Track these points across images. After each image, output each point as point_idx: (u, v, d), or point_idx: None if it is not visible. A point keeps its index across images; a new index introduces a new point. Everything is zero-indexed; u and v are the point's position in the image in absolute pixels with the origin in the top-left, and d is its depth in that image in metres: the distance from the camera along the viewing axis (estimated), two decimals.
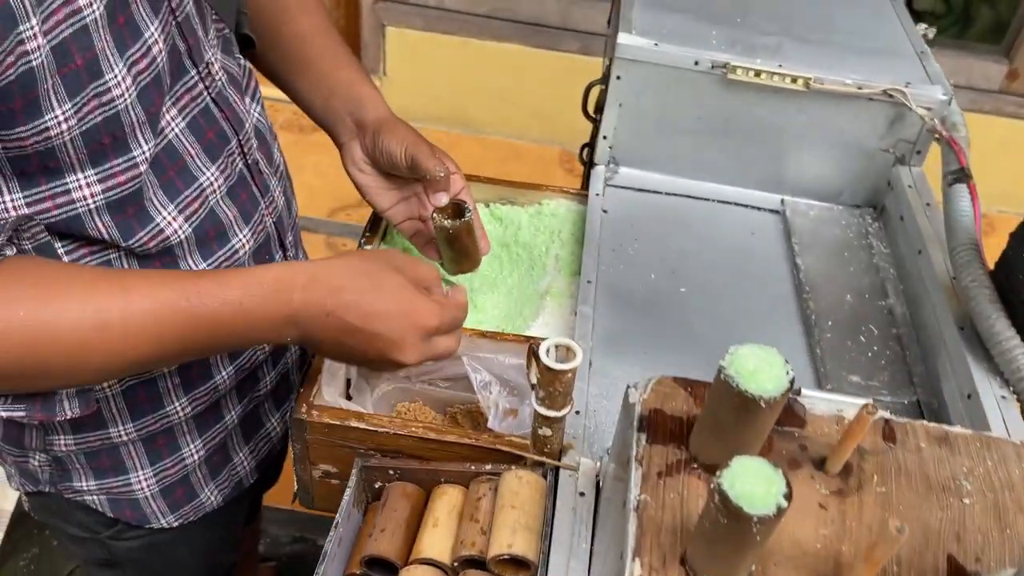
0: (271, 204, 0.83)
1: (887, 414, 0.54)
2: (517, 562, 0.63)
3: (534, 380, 0.64)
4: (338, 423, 0.73)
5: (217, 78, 0.74)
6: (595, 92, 1.03)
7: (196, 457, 0.85)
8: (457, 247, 0.83)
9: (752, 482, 0.40)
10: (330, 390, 0.77)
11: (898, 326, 0.83)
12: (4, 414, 0.71)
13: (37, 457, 0.82)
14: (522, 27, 2.31)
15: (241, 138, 0.77)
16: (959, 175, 0.82)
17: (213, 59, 0.74)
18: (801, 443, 0.52)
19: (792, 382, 0.45)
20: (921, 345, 0.80)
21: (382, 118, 0.86)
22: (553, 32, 2.30)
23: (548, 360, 0.61)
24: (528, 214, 1.01)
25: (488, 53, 2.36)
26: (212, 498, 0.90)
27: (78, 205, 0.64)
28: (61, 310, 0.59)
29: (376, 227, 0.96)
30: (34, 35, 0.54)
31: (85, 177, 0.63)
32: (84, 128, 0.60)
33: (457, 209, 0.81)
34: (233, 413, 0.88)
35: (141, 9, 0.62)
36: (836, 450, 0.49)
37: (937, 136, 0.88)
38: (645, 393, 0.54)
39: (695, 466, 0.50)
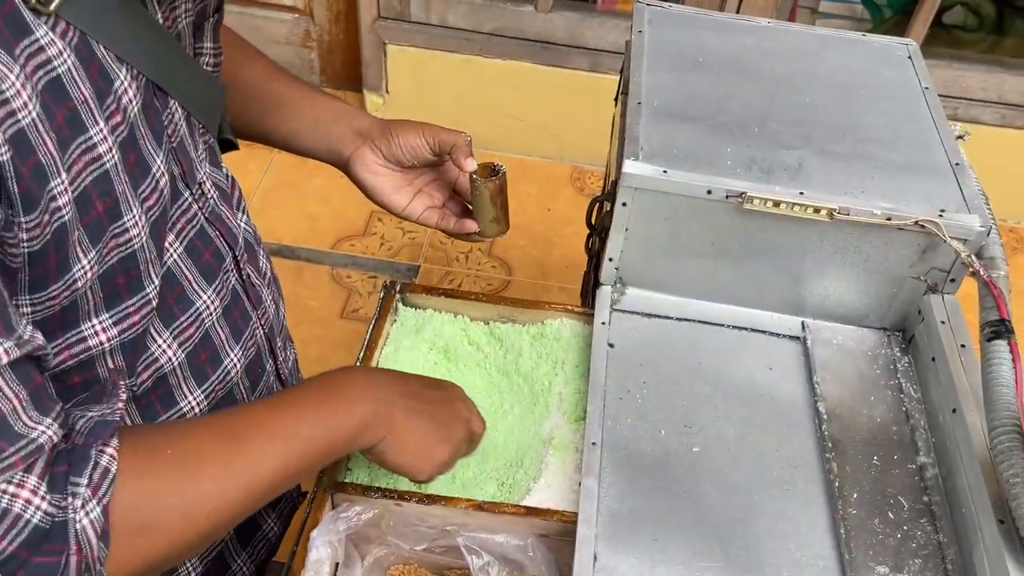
0: (263, 315, 0.82)
1: None
2: None
3: None
4: None
5: (209, 196, 0.73)
6: (598, 204, 0.96)
7: (194, 574, 0.82)
8: (499, 203, 0.87)
9: None
10: None
11: (930, 493, 0.77)
12: None
13: None
14: (529, 45, 2.21)
15: (236, 253, 0.75)
16: (999, 329, 0.75)
17: (204, 177, 0.72)
18: None
19: None
20: (955, 525, 0.73)
21: (381, 122, 0.90)
22: (561, 49, 2.20)
23: None
24: (530, 336, 0.95)
25: (493, 71, 2.27)
26: None
27: (93, 350, 0.61)
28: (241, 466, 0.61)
29: (386, 310, 0.95)
30: (64, 190, 0.52)
31: (100, 322, 0.61)
32: (102, 271, 0.59)
33: (488, 169, 0.86)
34: None
35: (148, 144, 0.61)
36: None
37: (972, 272, 0.81)
38: None
39: None
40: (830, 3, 2.23)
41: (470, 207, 0.90)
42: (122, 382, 0.61)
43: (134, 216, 0.60)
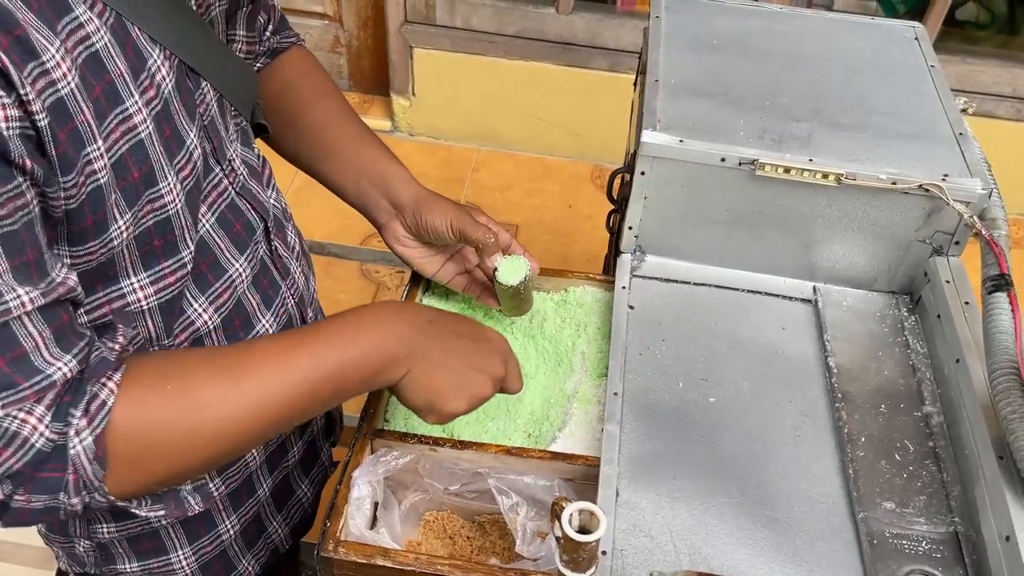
0: (292, 286, 0.87)
1: None
2: None
3: (558, 534, 0.64)
4: (364, 561, 0.73)
5: (239, 172, 0.78)
6: (618, 176, 1.01)
7: (232, 532, 0.89)
8: (520, 298, 0.90)
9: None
10: (357, 520, 0.78)
11: (935, 438, 0.81)
12: (146, 514, 0.76)
13: (82, 544, 0.86)
14: (550, 46, 2.27)
15: (268, 225, 0.81)
16: (999, 282, 0.79)
17: (235, 155, 0.77)
18: None
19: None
20: (959, 466, 0.78)
21: (417, 195, 0.89)
22: (582, 50, 2.26)
23: (571, 530, 0.61)
24: (554, 302, 1.00)
25: (516, 72, 2.33)
26: (249, 568, 0.94)
27: (131, 307, 0.67)
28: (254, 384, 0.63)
29: (417, 280, 1.00)
30: (100, 155, 0.57)
31: (139, 280, 0.67)
32: (137, 232, 0.64)
33: (516, 261, 0.88)
34: (265, 486, 0.91)
35: (182, 119, 0.66)
36: None
37: (975, 232, 0.85)
38: None
39: None
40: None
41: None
42: (120, 325, 0.64)
43: (169, 184, 0.65)
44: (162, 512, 0.78)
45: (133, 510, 0.74)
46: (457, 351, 0.73)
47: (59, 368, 0.56)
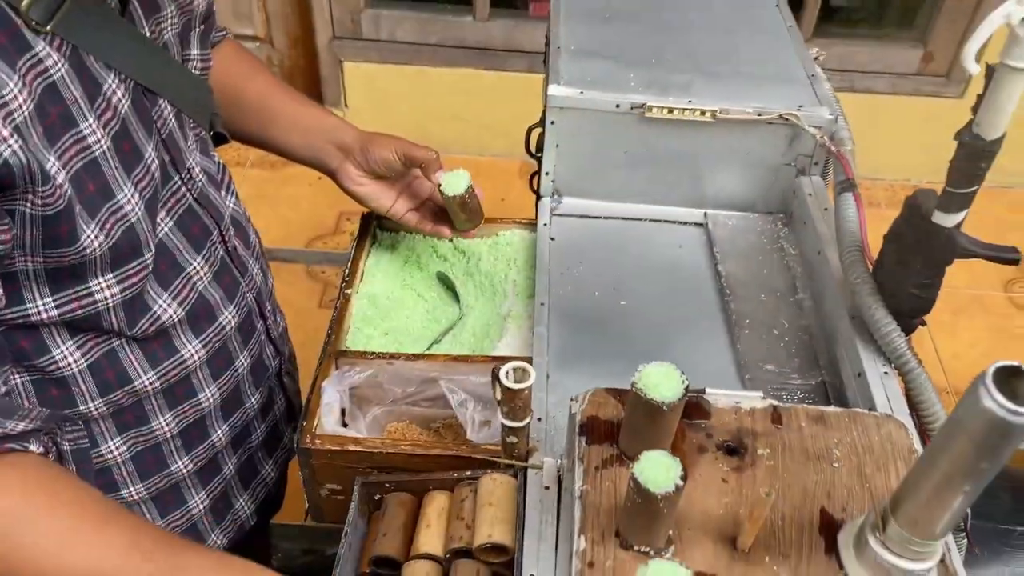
0: (250, 282, 0.95)
1: (775, 402, 0.68)
2: (497, 548, 0.76)
3: (499, 397, 0.78)
4: (338, 448, 0.86)
5: (198, 180, 0.85)
6: (535, 133, 1.17)
7: (202, 507, 0.96)
8: (468, 208, 1.02)
9: (657, 470, 0.54)
10: (328, 420, 0.91)
11: (807, 318, 0.98)
12: None
13: None
14: (471, 52, 2.44)
15: (222, 229, 0.88)
16: (846, 185, 0.96)
17: (194, 164, 0.85)
18: (708, 432, 0.66)
19: (687, 389, 0.59)
20: (825, 333, 0.94)
21: (361, 136, 1.02)
22: (500, 54, 2.44)
23: (508, 381, 0.75)
24: (487, 245, 1.15)
25: (442, 78, 2.49)
26: (218, 542, 1.01)
27: (99, 304, 0.75)
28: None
29: (365, 233, 1.13)
30: (58, 171, 0.65)
31: (105, 280, 0.74)
32: (112, 243, 0.71)
33: (457, 176, 0.99)
34: (230, 464, 0.99)
35: (140, 136, 0.74)
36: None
37: (828, 151, 1.03)
38: (583, 404, 0.68)
39: (624, 459, 0.64)
40: None
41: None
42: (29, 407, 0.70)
43: (127, 194, 0.72)
44: None
45: None
46: None
47: None
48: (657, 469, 0.54)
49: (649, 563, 0.50)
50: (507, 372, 0.75)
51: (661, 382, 0.60)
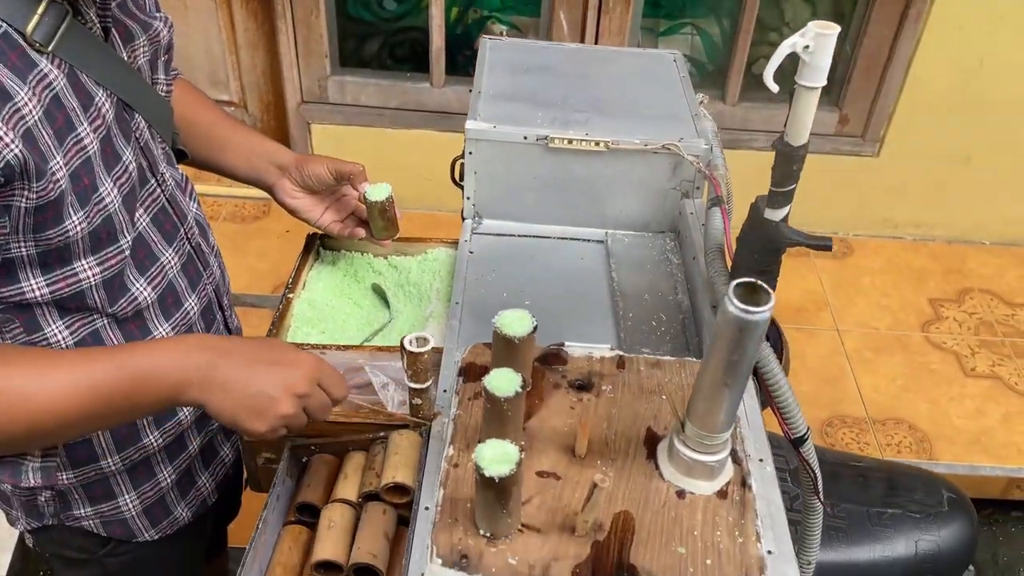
0: (211, 276, 1.11)
1: (621, 352, 0.84)
2: (400, 488, 0.90)
3: (404, 364, 0.93)
4: None
5: (168, 184, 1.02)
6: (459, 164, 1.34)
7: (169, 481, 1.10)
8: (387, 216, 1.18)
9: (502, 380, 0.69)
10: None
11: (683, 313, 1.14)
12: None
13: (44, 494, 1.05)
14: (429, 115, 2.65)
15: (184, 228, 1.04)
16: (715, 201, 1.14)
17: (165, 171, 1.01)
18: (563, 374, 0.81)
19: (535, 328, 0.75)
20: (696, 323, 1.10)
21: (296, 157, 1.20)
22: (456, 117, 2.65)
23: (411, 347, 0.90)
24: (417, 261, 1.31)
25: (402, 139, 2.70)
26: (183, 514, 1.15)
27: (83, 283, 0.90)
28: (54, 381, 0.79)
29: (309, 249, 1.29)
30: (60, 168, 0.80)
31: (87, 262, 0.89)
32: (91, 228, 0.86)
33: (381, 188, 1.17)
34: (194, 443, 1.13)
35: (120, 141, 0.90)
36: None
37: (704, 175, 1.21)
38: (464, 354, 0.83)
39: None
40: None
41: (367, 220, 1.22)
42: None
43: (107, 188, 0.86)
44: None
45: None
46: (253, 376, 0.83)
47: None
48: (502, 380, 0.69)
49: (487, 442, 0.65)
50: (411, 340, 0.91)
51: (514, 322, 0.75)
